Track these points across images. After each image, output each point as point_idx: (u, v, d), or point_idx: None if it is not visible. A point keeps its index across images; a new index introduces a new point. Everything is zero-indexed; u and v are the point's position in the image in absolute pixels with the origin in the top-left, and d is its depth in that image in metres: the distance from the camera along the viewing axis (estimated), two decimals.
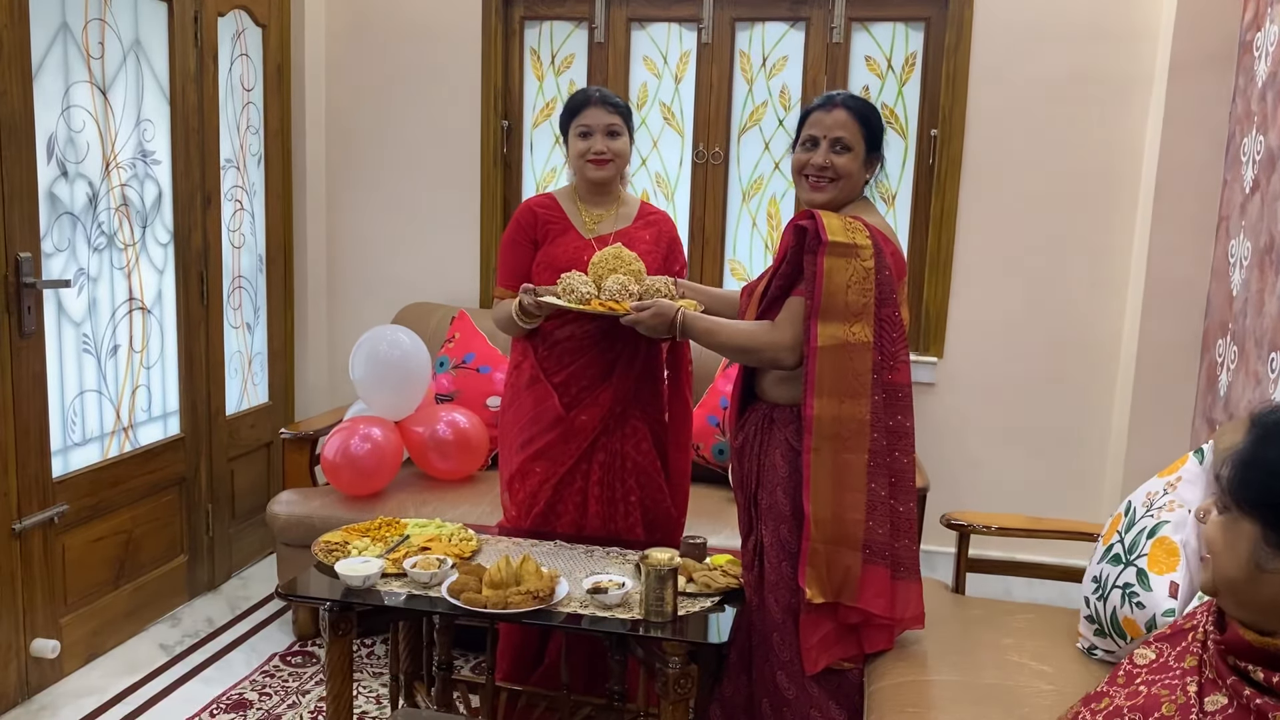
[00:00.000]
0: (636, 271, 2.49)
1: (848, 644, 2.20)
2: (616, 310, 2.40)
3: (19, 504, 2.71)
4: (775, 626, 2.24)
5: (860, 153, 2.26)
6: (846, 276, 2.12)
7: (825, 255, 2.11)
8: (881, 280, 2.13)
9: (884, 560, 2.14)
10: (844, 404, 2.13)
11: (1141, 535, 2.08)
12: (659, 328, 2.38)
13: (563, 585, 2.23)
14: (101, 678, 2.94)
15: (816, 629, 2.17)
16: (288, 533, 3.15)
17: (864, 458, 2.13)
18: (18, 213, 2.66)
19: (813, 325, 2.12)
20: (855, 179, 2.27)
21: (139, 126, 3.14)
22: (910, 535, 2.20)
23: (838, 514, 2.13)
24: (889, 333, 2.15)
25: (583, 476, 2.60)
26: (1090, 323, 3.58)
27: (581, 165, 2.62)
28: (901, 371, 2.17)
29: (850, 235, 2.13)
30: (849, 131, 2.25)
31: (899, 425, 2.17)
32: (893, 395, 2.16)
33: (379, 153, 4.01)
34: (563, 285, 2.47)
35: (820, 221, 2.14)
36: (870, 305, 2.13)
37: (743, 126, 3.80)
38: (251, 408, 3.81)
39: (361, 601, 2.23)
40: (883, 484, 2.14)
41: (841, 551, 2.13)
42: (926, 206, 3.68)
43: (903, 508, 2.18)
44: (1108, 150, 3.51)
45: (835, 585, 2.14)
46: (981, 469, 3.69)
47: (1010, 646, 2.23)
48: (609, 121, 2.59)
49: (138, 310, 3.19)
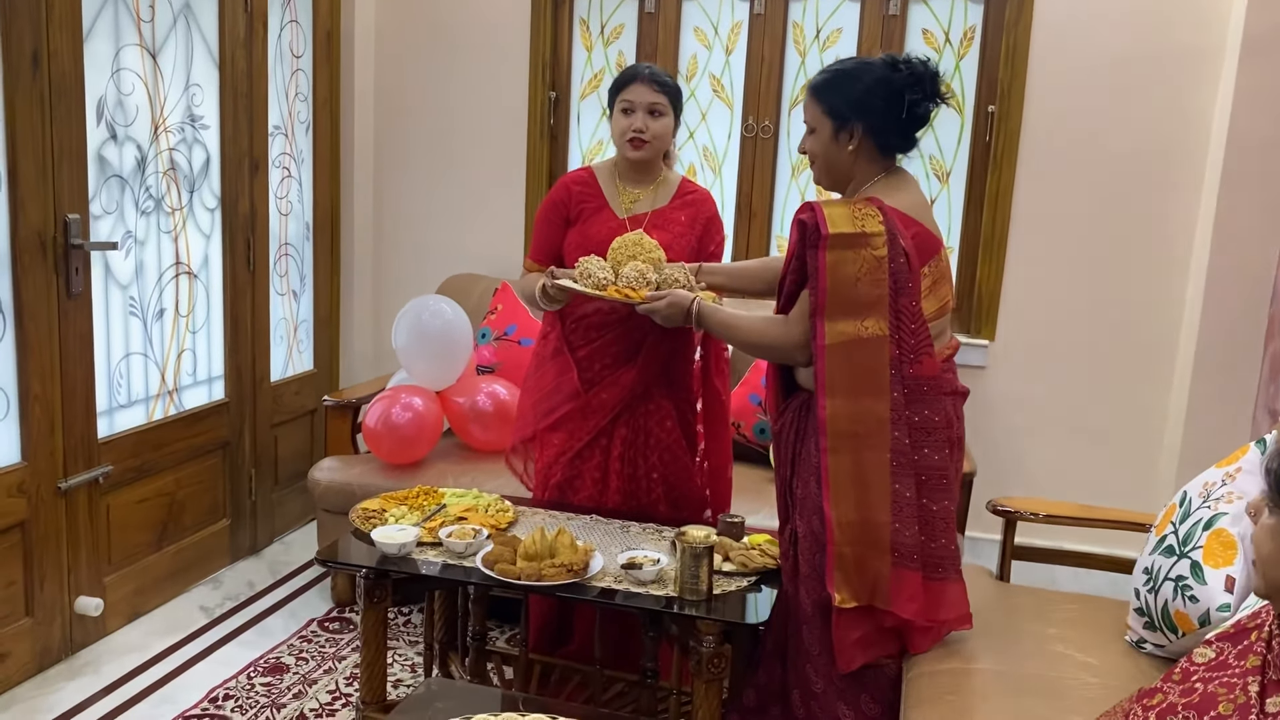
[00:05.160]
0: (656, 259, 2.45)
1: (887, 644, 2.11)
2: (632, 298, 2.36)
3: (65, 463, 2.75)
4: (806, 619, 2.18)
5: (825, 130, 2.16)
6: (855, 268, 2.00)
7: (826, 249, 2.00)
8: (896, 269, 2.01)
9: (914, 563, 2.03)
10: (860, 401, 2.03)
11: (1197, 527, 2.01)
12: (674, 318, 2.33)
13: (597, 559, 2.21)
14: (143, 636, 2.98)
15: (852, 630, 2.08)
16: (328, 499, 3.16)
17: (885, 456, 2.02)
18: (67, 174, 2.68)
19: (818, 323, 2.03)
20: (831, 156, 2.17)
21: (188, 91, 3.14)
22: (948, 534, 2.09)
23: (863, 516, 2.03)
24: (908, 324, 2.03)
25: (603, 451, 2.58)
26: (1148, 307, 3.47)
27: (622, 144, 2.58)
28: (926, 363, 2.05)
29: (859, 223, 2.02)
30: (809, 114, 2.19)
31: (925, 420, 2.06)
32: (916, 389, 2.05)
33: (426, 123, 3.99)
34: (580, 269, 2.43)
35: (820, 214, 2.02)
36: (884, 296, 2.01)
37: (794, 100, 3.72)
38: (296, 375, 3.83)
39: (396, 569, 2.23)
40: (908, 484, 2.03)
41: (869, 555, 2.03)
42: (982, 184, 3.58)
43: (936, 506, 2.07)
44: (1173, 129, 3.38)
45: (867, 589, 2.04)
46: (1031, 455, 3.60)
47: (1054, 637, 2.17)
48: (653, 100, 2.54)
49: (184, 274, 3.21)
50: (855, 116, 2.13)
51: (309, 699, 2.70)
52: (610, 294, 2.37)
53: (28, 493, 2.65)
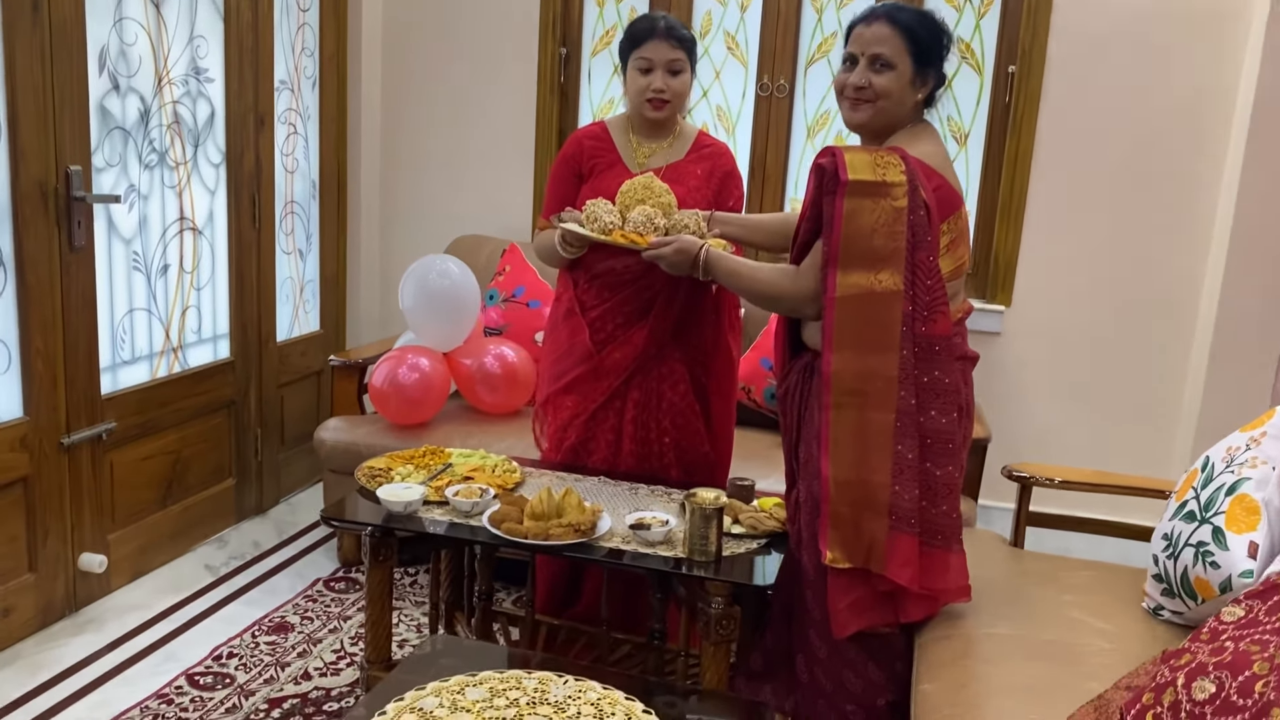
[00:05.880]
0: (666, 204, 2.38)
1: (883, 610, 2.03)
2: (638, 243, 2.29)
3: (68, 419, 2.72)
4: (809, 583, 2.12)
5: (906, 70, 2.05)
6: (873, 219, 1.93)
7: (844, 197, 1.93)
8: (916, 222, 1.94)
9: (911, 528, 1.96)
10: (868, 358, 1.95)
11: (1220, 492, 1.96)
12: (681, 264, 2.26)
13: (605, 520, 2.17)
14: (147, 594, 2.97)
15: (846, 593, 2.01)
16: (334, 459, 3.13)
17: (890, 417, 1.94)
18: (68, 124, 2.63)
19: (830, 273, 1.95)
20: (900, 99, 2.07)
21: (192, 42, 3.08)
22: (950, 501, 2.01)
23: (862, 476, 1.96)
24: (923, 280, 1.95)
25: (616, 414, 2.53)
26: (1169, 273, 3.41)
27: (640, 103, 2.51)
28: (939, 323, 1.97)
29: (880, 172, 1.94)
30: (889, 47, 2.05)
31: (935, 382, 1.98)
32: (927, 349, 1.97)
33: (434, 80, 3.92)
34: (587, 213, 2.37)
35: (840, 159, 1.94)
36: (901, 250, 1.93)
37: (810, 58, 3.65)
38: (302, 335, 3.79)
39: (402, 527, 2.20)
40: (911, 446, 1.96)
41: (866, 516, 1.96)
42: (1000, 147, 3.50)
43: (939, 471, 1.99)
44: (1197, 92, 3.30)
45: (863, 551, 1.97)
46: (1046, 421, 3.55)
47: (1070, 603, 2.13)
48: (672, 57, 2.47)
49: (188, 230, 3.16)
50: (933, 63, 2.07)
51: (313, 658, 2.68)
52: (615, 238, 2.31)
53: (30, 448, 2.62)
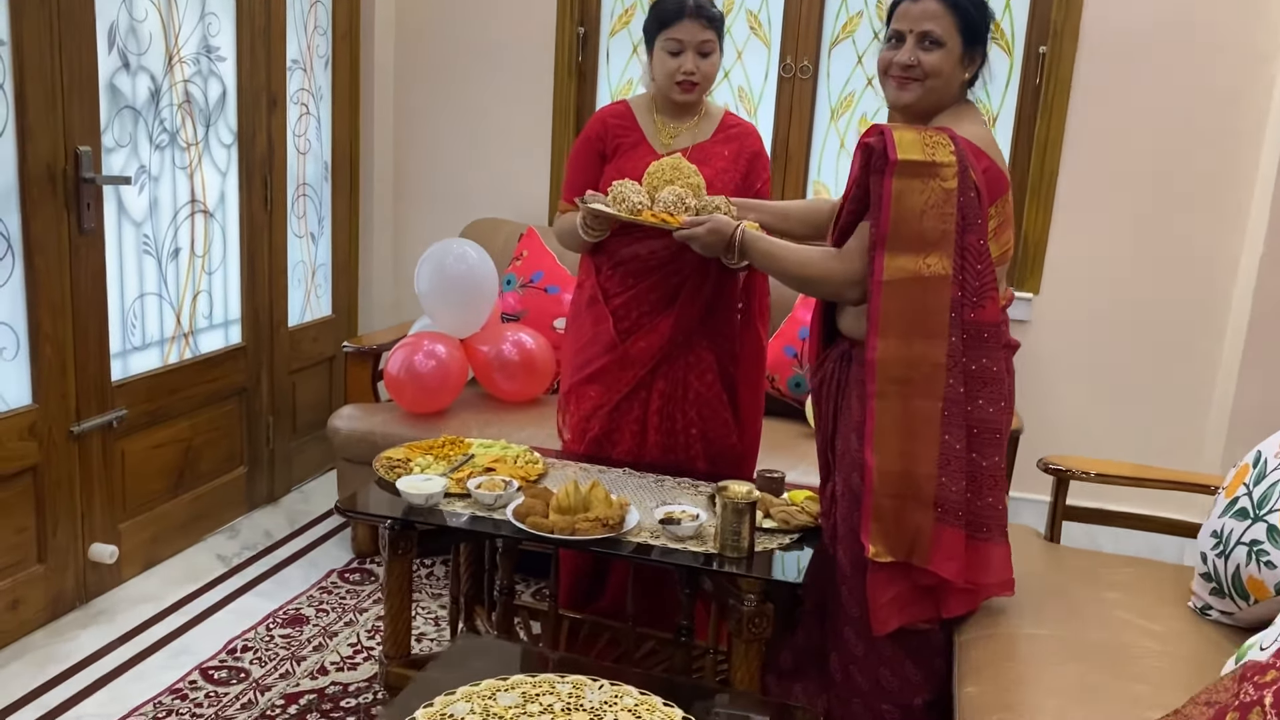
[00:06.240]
0: (695, 185, 2.31)
1: (923, 606, 1.98)
2: (669, 223, 2.21)
3: (78, 407, 2.65)
4: (844, 580, 2.07)
5: (955, 48, 1.98)
6: (922, 200, 1.86)
7: (893, 176, 1.86)
8: (965, 203, 1.87)
9: (958, 520, 1.90)
10: (915, 344, 1.88)
11: (1275, 489, 1.88)
12: (714, 245, 2.18)
13: (633, 514, 2.11)
14: (159, 585, 2.91)
15: (887, 588, 1.95)
16: (348, 448, 3.07)
17: (938, 405, 1.88)
18: (77, 103, 2.55)
19: (878, 256, 1.88)
20: (949, 79, 1.99)
21: (203, 20, 3.00)
22: (996, 493, 1.95)
23: (907, 468, 1.90)
24: (973, 264, 1.89)
25: (641, 404, 2.46)
26: (1202, 261, 3.32)
27: (669, 86, 2.42)
28: (989, 309, 1.91)
29: (929, 152, 1.87)
30: (939, 24, 1.96)
31: (983, 370, 1.92)
32: (975, 336, 1.91)
33: (449, 60, 3.83)
34: (613, 194, 2.29)
35: (889, 138, 1.87)
36: (950, 233, 1.87)
37: (834, 38, 3.56)
38: (314, 320, 3.72)
39: (423, 521, 2.13)
40: (958, 435, 1.90)
41: (911, 508, 1.90)
42: (1030, 130, 3.41)
43: (986, 462, 1.93)
44: (1235, 79, 3.20)
45: (905, 544, 1.92)
46: (1072, 412, 3.47)
47: (1115, 602, 2.06)
48: (703, 38, 2.38)
49: (200, 213, 3.09)
50: (981, 41, 2.01)
51: (330, 651, 2.62)
52: (645, 218, 2.23)
53: (39, 436, 2.55)
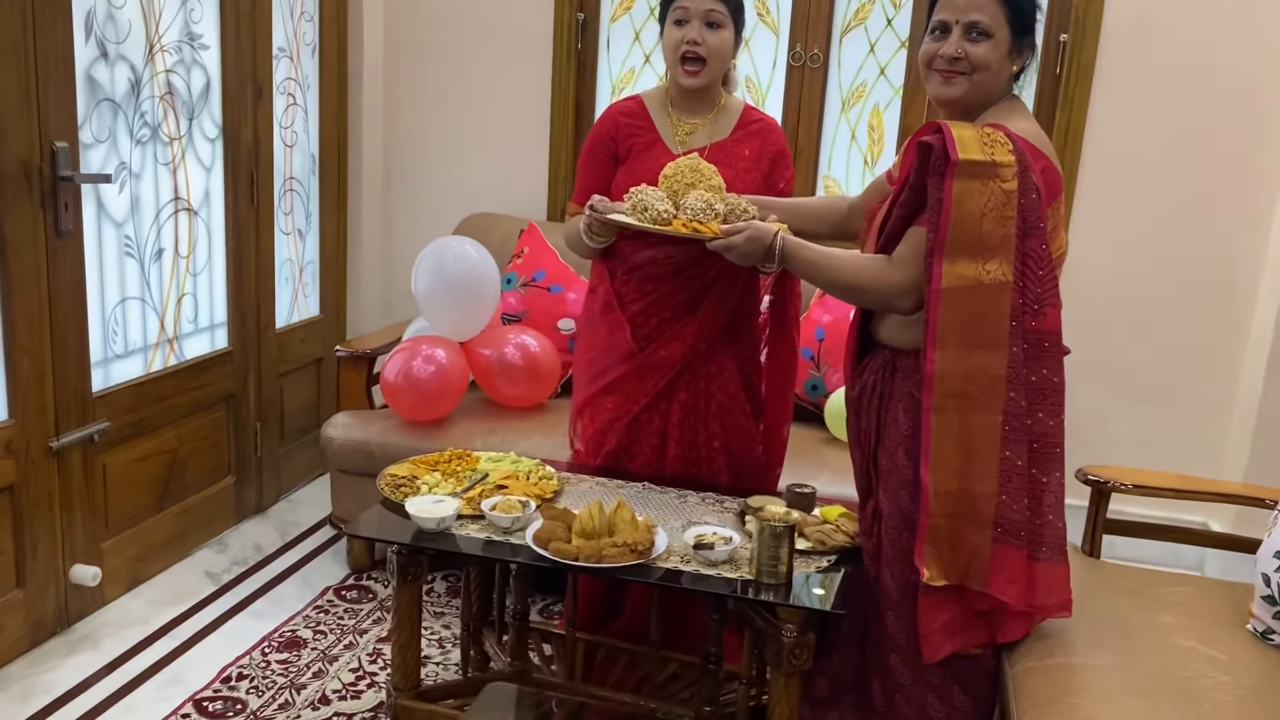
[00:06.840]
0: (716, 187, 2.16)
1: (976, 630, 1.88)
2: (703, 233, 2.05)
3: (57, 420, 2.48)
4: (891, 605, 1.96)
5: (1004, 40, 1.88)
6: (982, 203, 1.75)
7: (955, 178, 1.75)
8: (1026, 206, 1.77)
9: (1019, 540, 1.80)
10: (974, 356, 1.79)
11: None
12: (753, 254, 2.03)
13: (661, 537, 1.97)
14: (144, 607, 2.74)
15: (939, 613, 1.86)
16: (343, 458, 2.91)
17: (998, 419, 1.79)
18: (53, 96, 2.38)
19: (936, 263, 1.78)
20: (997, 72, 1.89)
21: (185, 6, 2.82)
22: (1056, 510, 1.86)
23: (964, 486, 1.80)
24: (1034, 270, 1.79)
25: (661, 416, 2.32)
26: (1227, 260, 3.22)
27: (674, 62, 2.28)
28: (1050, 316, 1.81)
29: (989, 151, 1.76)
30: (988, 14, 1.87)
31: (1044, 381, 1.83)
32: (1037, 345, 1.81)
33: (442, 47, 3.66)
34: (633, 202, 2.12)
35: (949, 136, 1.76)
36: (1011, 237, 1.76)
37: (846, 26, 3.42)
38: (302, 320, 3.55)
39: (434, 547, 1.99)
40: (1020, 451, 1.80)
41: (968, 529, 1.81)
42: (1050, 121, 3.29)
43: (1046, 479, 1.84)
44: (1260, 68, 3.10)
45: (960, 567, 1.83)
46: (1092, 414, 3.36)
47: (1171, 626, 1.95)
48: (709, 8, 2.23)
49: (183, 211, 2.91)
50: (1029, 33, 1.91)
51: (330, 678, 2.47)
52: (677, 228, 2.07)
53: (16, 453, 2.38)
